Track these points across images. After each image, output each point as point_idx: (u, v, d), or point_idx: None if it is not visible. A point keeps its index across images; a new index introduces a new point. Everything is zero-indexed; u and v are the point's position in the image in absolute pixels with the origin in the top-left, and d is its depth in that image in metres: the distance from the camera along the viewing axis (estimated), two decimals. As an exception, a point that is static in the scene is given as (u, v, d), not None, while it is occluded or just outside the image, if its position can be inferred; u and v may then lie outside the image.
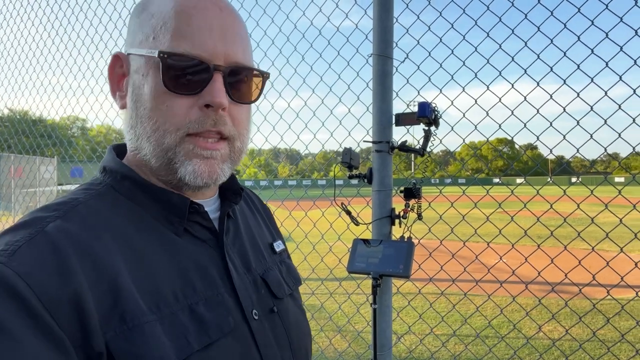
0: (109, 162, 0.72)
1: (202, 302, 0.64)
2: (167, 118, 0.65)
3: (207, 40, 0.64)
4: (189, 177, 0.66)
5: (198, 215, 0.71)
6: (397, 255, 1.73)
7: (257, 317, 0.70)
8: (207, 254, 0.70)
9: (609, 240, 1.92)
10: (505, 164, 51.85)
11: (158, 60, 0.64)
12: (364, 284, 3.64)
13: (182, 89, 0.64)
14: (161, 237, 0.66)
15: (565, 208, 2.02)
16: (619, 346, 4.06)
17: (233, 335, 0.65)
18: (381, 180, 1.96)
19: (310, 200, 2.84)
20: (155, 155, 0.66)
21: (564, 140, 2.03)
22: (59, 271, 0.53)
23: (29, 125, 5.33)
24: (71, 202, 0.63)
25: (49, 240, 0.55)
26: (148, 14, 0.68)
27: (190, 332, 0.60)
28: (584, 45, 1.92)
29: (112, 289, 0.56)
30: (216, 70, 0.65)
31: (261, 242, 0.86)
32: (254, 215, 0.92)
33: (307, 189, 3.16)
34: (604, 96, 1.93)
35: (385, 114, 1.97)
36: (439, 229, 2.29)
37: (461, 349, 4.12)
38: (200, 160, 0.66)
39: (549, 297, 5.51)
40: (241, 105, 0.70)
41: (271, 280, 0.79)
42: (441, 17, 2.21)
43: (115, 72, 0.72)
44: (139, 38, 0.68)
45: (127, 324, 0.56)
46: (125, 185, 0.69)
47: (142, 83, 0.66)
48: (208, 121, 0.65)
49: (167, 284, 0.62)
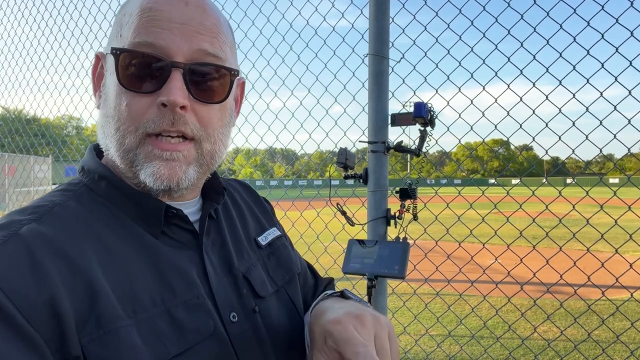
0: (87, 162, 0.71)
1: (181, 305, 0.62)
2: (126, 118, 0.63)
3: (165, 35, 0.62)
4: (149, 180, 0.63)
5: (177, 219, 0.69)
6: (393, 256, 1.72)
7: (235, 320, 0.68)
8: (186, 256, 0.68)
9: (604, 241, 1.92)
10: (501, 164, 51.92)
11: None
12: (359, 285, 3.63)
13: (138, 87, 0.62)
14: (139, 240, 0.65)
15: (561, 209, 2.02)
16: (613, 347, 4.07)
17: (212, 338, 0.64)
18: (377, 180, 1.96)
19: (306, 201, 2.83)
20: (119, 156, 0.65)
21: (560, 141, 2.03)
22: (33, 274, 0.52)
23: (22, 124, 5.29)
24: (48, 205, 0.62)
25: (23, 244, 0.54)
26: (122, 13, 0.67)
27: (167, 336, 0.59)
28: (580, 46, 1.93)
29: (88, 292, 0.55)
30: (174, 67, 0.62)
31: (246, 239, 0.82)
32: (240, 209, 0.89)
33: (302, 189, 3.14)
34: (600, 97, 1.94)
35: (380, 114, 1.96)
36: (434, 230, 2.29)
37: (456, 349, 4.12)
38: (160, 162, 0.63)
39: (544, 298, 5.51)
40: (209, 104, 0.67)
41: (254, 279, 0.76)
42: (437, 17, 2.21)
43: (97, 72, 0.71)
44: (112, 37, 0.67)
45: (103, 329, 0.54)
46: (102, 185, 0.67)
47: (110, 82, 0.65)
48: (165, 120, 0.62)
49: (144, 287, 0.61)
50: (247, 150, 4.26)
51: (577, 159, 2.15)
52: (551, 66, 2.02)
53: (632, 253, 6.57)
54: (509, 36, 2.07)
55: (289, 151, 4.81)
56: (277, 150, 3.93)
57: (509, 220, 2.17)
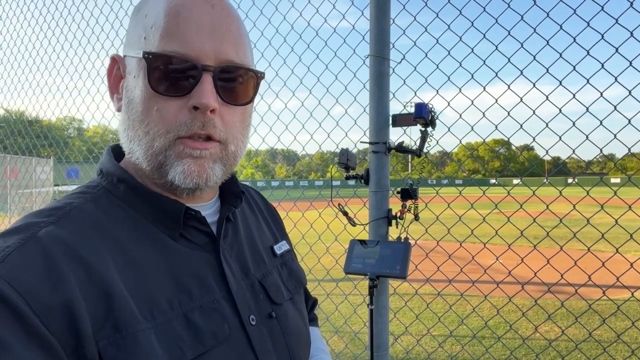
0: (105, 164, 0.71)
1: (198, 309, 0.63)
2: (157, 121, 0.63)
3: (195, 39, 0.62)
4: (179, 178, 0.63)
5: (195, 221, 0.69)
6: (394, 256, 1.73)
7: (254, 323, 0.69)
8: (204, 258, 0.68)
9: (605, 241, 1.92)
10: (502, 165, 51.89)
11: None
12: (361, 285, 3.64)
13: (170, 90, 0.62)
14: (156, 243, 0.65)
15: (562, 209, 2.03)
16: (615, 346, 4.08)
17: (228, 342, 0.64)
18: (378, 181, 1.97)
19: (307, 201, 2.83)
20: (147, 159, 0.64)
21: (560, 141, 2.04)
22: (50, 278, 0.52)
23: (24, 125, 5.31)
24: (65, 207, 0.62)
25: (40, 247, 0.54)
26: (142, 14, 0.66)
27: (184, 340, 0.59)
28: (580, 46, 1.93)
29: (106, 296, 0.55)
30: (205, 71, 0.62)
31: (261, 246, 0.83)
32: (256, 217, 0.90)
33: (304, 189, 3.15)
34: (600, 97, 1.94)
35: (381, 115, 1.97)
36: (435, 230, 2.30)
37: (458, 349, 4.12)
38: (190, 160, 0.63)
39: (545, 297, 5.51)
40: (234, 107, 0.67)
41: (269, 286, 0.76)
42: (438, 18, 2.21)
43: (114, 74, 0.71)
44: (134, 39, 0.66)
45: (121, 332, 0.54)
46: (121, 188, 0.67)
47: (134, 85, 0.65)
48: (196, 123, 0.62)
49: (161, 290, 0.61)
50: (248, 151, 4.27)
51: (578, 159, 2.15)
52: (551, 67, 2.02)
53: (633, 253, 6.55)
54: (509, 37, 2.08)
55: (290, 152, 4.83)
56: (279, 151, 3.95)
57: (509, 220, 2.17)
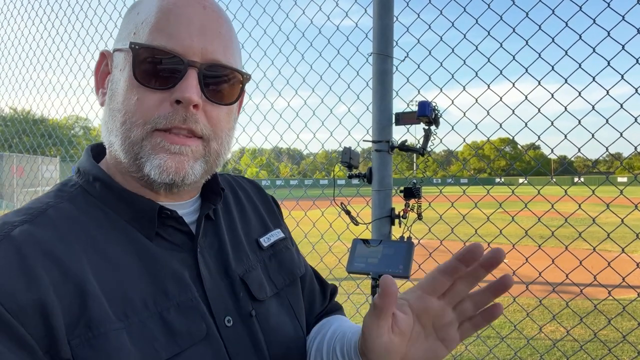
0: (82, 163, 0.71)
1: (174, 308, 0.62)
2: (135, 111, 0.62)
3: (184, 35, 0.63)
4: (155, 173, 0.63)
5: (172, 220, 0.69)
6: (397, 256, 1.71)
7: (230, 324, 0.68)
8: (180, 258, 0.67)
9: (611, 241, 1.90)
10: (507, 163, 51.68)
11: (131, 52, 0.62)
12: (364, 284, 3.62)
13: (153, 83, 0.62)
14: (132, 242, 0.64)
15: (567, 208, 2.01)
16: (620, 347, 4.04)
17: (205, 342, 0.63)
18: (381, 180, 1.95)
19: (310, 200, 2.82)
20: (123, 149, 0.64)
21: (566, 139, 2.02)
22: (23, 276, 0.52)
23: (30, 125, 5.34)
24: (41, 206, 0.62)
25: (13, 246, 0.54)
26: (135, 12, 0.67)
27: (159, 340, 0.58)
28: (586, 44, 1.91)
29: (79, 295, 0.55)
30: (190, 66, 0.63)
31: (246, 240, 0.81)
32: (243, 208, 0.87)
33: (306, 188, 3.14)
34: (606, 95, 1.92)
35: (385, 113, 1.96)
36: (439, 229, 2.28)
37: (462, 349, 4.10)
38: (167, 155, 0.63)
39: (550, 297, 5.47)
40: (219, 106, 0.67)
41: (251, 282, 0.74)
42: (442, 15, 2.20)
43: (101, 70, 0.71)
44: (123, 35, 0.67)
45: (93, 332, 0.54)
46: (97, 187, 0.67)
47: (119, 78, 0.65)
48: (177, 117, 0.62)
49: (136, 290, 0.60)
50: (252, 150, 4.27)
51: (585, 157, 2.13)
52: (557, 64, 2.01)
53: (639, 252, 6.51)
54: (514, 34, 2.06)
55: (294, 151, 4.83)
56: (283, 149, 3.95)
57: (514, 219, 2.15)
